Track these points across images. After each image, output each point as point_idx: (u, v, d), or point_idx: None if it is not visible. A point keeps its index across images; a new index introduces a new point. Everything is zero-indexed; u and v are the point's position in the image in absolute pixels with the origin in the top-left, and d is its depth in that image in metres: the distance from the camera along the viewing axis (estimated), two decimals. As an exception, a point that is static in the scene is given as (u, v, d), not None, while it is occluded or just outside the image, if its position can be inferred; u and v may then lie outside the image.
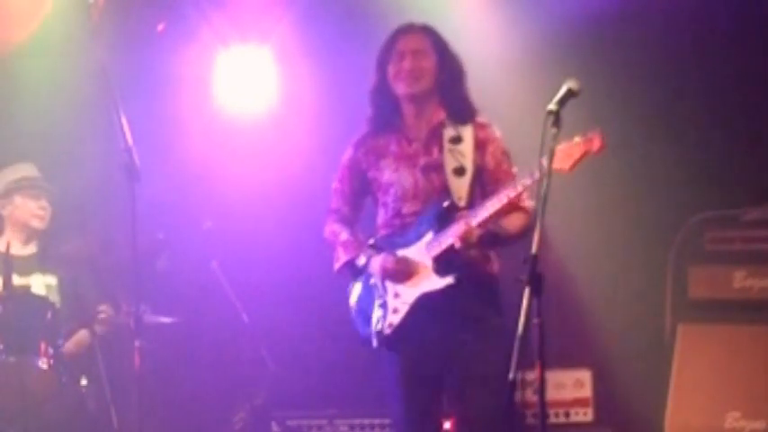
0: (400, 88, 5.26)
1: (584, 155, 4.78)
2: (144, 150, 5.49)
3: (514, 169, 5.22)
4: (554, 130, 4.39)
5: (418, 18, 5.46)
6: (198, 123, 7.31)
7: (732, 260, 6.52)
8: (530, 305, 4.22)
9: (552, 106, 4.42)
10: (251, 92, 7.35)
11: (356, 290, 5.33)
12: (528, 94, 6.43)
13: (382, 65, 5.31)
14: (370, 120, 5.38)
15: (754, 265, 6.49)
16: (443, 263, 5.09)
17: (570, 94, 4.46)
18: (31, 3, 7.11)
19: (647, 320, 6.74)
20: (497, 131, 5.29)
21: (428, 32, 5.32)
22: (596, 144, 4.77)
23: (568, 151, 4.77)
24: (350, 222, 5.41)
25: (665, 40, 6.90)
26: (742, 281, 6.50)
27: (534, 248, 4.31)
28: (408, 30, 5.34)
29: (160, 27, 7.25)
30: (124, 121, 5.43)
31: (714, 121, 6.82)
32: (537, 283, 4.24)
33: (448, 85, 5.25)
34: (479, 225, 5.00)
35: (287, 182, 7.21)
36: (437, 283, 5.10)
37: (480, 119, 5.29)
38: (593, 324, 6.89)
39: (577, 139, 4.80)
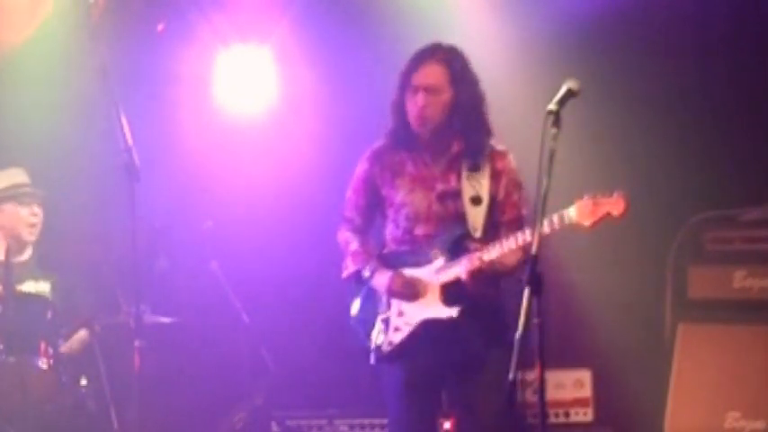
0: (414, 126, 5.22)
1: (606, 217, 4.83)
2: (144, 150, 5.49)
3: (522, 201, 5.25)
4: (554, 130, 4.39)
5: (418, 18, 5.44)
6: (198, 123, 7.31)
7: (732, 260, 6.52)
8: (530, 305, 4.22)
9: (552, 106, 4.42)
10: (251, 92, 7.34)
11: (358, 299, 5.33)
12: (528, 95, 6.42)
13: (404, 90, 5.22)
14: (390, 133, 5.32)
15: (754, 265, 6.49)
16: (452, 293, 5.11)
17: (570, 94, 4.46)
18: (31, 3, 7.11)
19: (647, 320, 6.73)
20: (513, 161, 5.29)
21: (447, 62, 5.20)
22: (620, 208, 4.84)
23: (592, 208, 4.84)
24: (362, 232, 5.42)
25: (665, 40, 6.90)
26: (742, 281, 6.50)
27: (534, 249, 4.31)
28: (426, 60, 5.20)
29: (160, 27, 7.24)
30: (124, 121, 5.44)
31: (714, 121, 6.81)
32: (537, 283, 4.24)
33: (465, 116, 5.20)
34: (488, 262, 5.02)
35: (287, 182, 7.20)
36: (443, 312, 5.11)
37: (499, 146, 5.28)
38: (593, 324, 6.89)
39: (600, 197, 4.84)
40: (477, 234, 5.13)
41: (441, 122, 5.19)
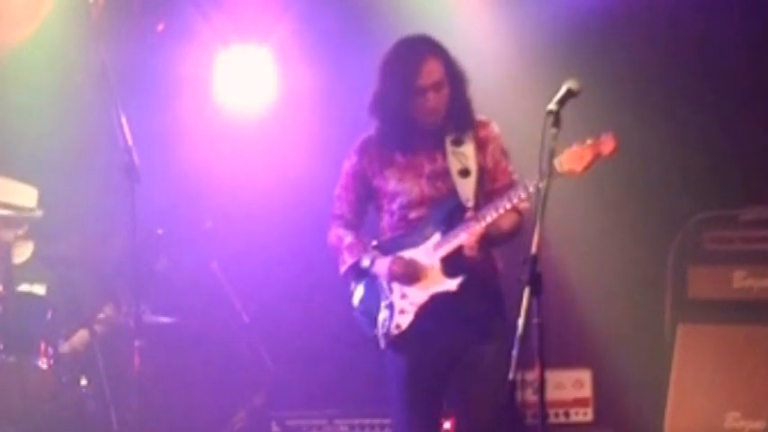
0: (424, 123, 5.20)
1: (596, 157, 4.86)
2: (144, 150, 5.49)
3: (511, 167, 5.25)
4: (554, 130, 4.40)
5: (418, 18, 5.44)
6: (198, 123, 7.31)
7: (732, 260, 6.53)
8: (530, 305, 4.22)
9: (552, 106, 4.43)
10: (250, 92, 7.34)
11: (360, 290, 5.33)
12: (528, 94, 6.42)
13: (399, 89, 5.16)
14: (387, 134, 5.29)
15: (754, 265, 6.50)
16: (451, 264, 5.11)
17: (570, 94, 4.47)
18: (31, 3, 7.11)
19: (647, 320, 6.74)
20: (496, 128, 5.29)
21: (439, 55, 5.19)
22: (609, 146, 4.85)
23: (581, 153, 4.84)
24: (354, 227, 5.41)
25: (665, 41, 6.90)
26: (742, 281, 6.51)
27: (534, 248, 4.31)
28: (423, 59, 5.16)
29: (160, 27, 7.25)
30: (124, 121, 5.44)
31: (714, 122, 6.82)
32: (537, 283, 4.25)
33: (456, 102, 5.21)
34: (486, 226, 5.03)
35: (287, 181, 7.21)
36: (447, 284, 5.12)
37: (479, 116, 5.28)
38: (593, 324, 6.89)
39: (590, 141, 4.84)
40: (470, 204, 5.14)
41: (444, 115, 5.22)
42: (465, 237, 5.06)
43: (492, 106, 5.43)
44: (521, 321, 4.19)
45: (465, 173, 5.18)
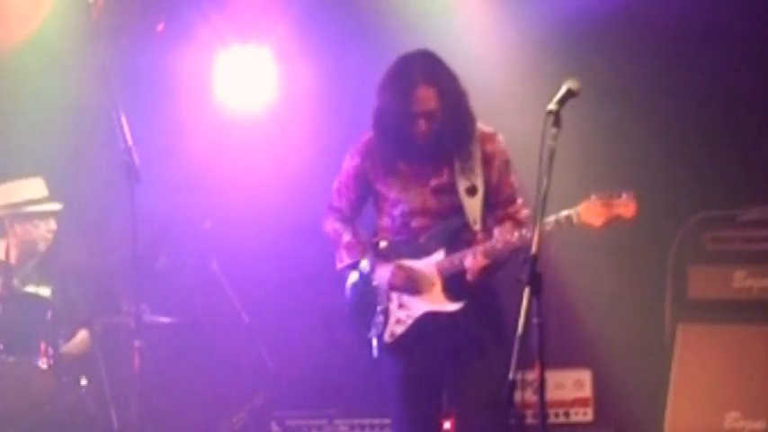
0: (416, 143, 5.18)
1: (616, 219, 4.88)
2: (144, 150, 5.49)
3: (514, 178, 5.25)
4: (554, 130, 4.40)
5: (417, 18, 5.42)
6: (198, 123, 7.31)
7: (732, 260, 6.53)
8: (530, 305, 4.22)
9: (552, 106, 4.42)
10: (250, 92, 7.35)
11: (353, 286, 5.33)
12: (528, 94, 6.42)
13: (393, 111, 5.14)
14: (383, 146, 5.26)
15: (754, 265, 6.49)
16: (454, 286, 5.11)
17: (570, 94, 4.47)
18: (31, 3, 7.12)
19: (647, 320, 6.74)
20: (502, 141, 5.27)
21: (433, 81, 5.12)
22: (630, 210, 4.87)
23: (599, 210, 4.87)
24: (351, 222, 5.41)
25: (665, 40, 6.90)
26: (742, 281, 6.51)
27: (534, 248, 4.31)
28: (416, 84, 5.10)
29: (160, 27, 7.25)
30: (124, 121, 5.44)
31: (714, 121, 6.82)
32: (536, 282, 4.24)
33: (454, 119, 5.17)
34: (493, 259, 5.04)
35: (287, 181, 7.21)
36: (446, 306, 5.12)
37: (485, 128, 5.26)
38: (593, 324, 6.89)
39: (608, 197, 4.87)
40: (477, 226, 5.14)
41: (438, 135, 5.19)
42: (469, 263, 5.06)
43: (492, 106, 5.43)
44: (521, 321, 4.19)
45: (472, 191, 5.17)
